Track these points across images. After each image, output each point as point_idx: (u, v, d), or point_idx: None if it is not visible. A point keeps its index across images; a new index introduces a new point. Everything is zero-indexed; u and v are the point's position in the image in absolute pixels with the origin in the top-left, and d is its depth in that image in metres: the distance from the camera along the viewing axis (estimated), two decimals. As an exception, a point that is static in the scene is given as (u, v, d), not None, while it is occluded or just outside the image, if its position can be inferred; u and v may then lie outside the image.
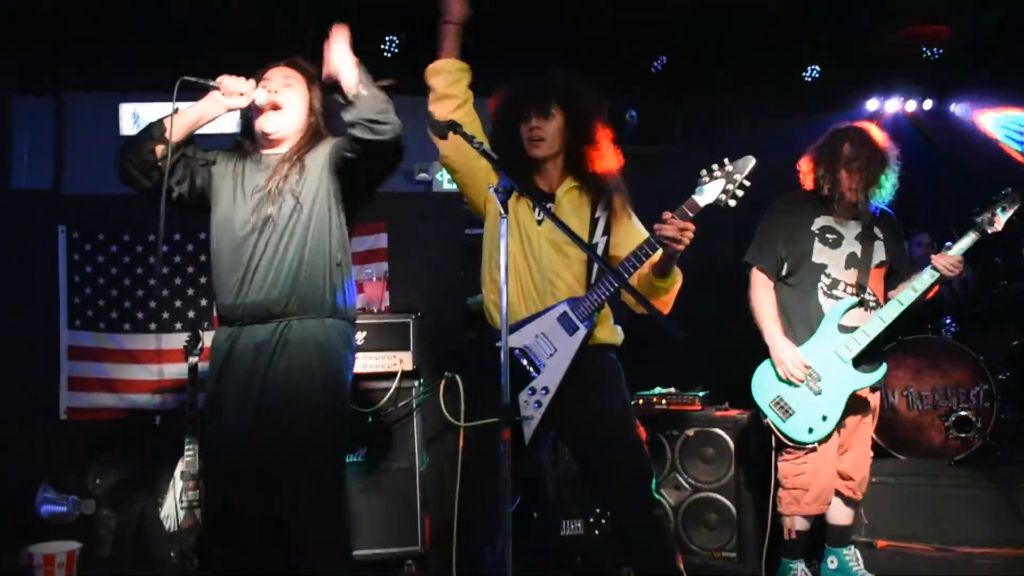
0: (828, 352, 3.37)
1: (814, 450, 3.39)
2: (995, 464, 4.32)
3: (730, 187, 2.82)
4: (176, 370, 4.32)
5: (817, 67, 6.36)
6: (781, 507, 3.50)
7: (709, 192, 2.83)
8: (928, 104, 6.88)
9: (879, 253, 3.46)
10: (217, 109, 2.76)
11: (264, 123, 2.79)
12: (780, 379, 3.43)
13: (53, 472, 4.20)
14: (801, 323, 3.46)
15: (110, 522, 4.08)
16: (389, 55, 5.59)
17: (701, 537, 3.98)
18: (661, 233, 2.77)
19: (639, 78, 6.25)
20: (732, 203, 2.84)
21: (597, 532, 3.96)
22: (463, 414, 2.81)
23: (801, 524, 3.50)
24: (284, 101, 2.79)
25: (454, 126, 2.43)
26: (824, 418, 3.36)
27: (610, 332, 3.01)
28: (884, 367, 3.38)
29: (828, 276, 3.44)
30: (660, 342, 2.76)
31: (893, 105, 6.86)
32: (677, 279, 2.98)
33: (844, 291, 3.42)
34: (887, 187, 3.40)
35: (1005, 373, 4.87)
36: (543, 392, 2.85)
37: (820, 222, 3.50)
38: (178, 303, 4.46)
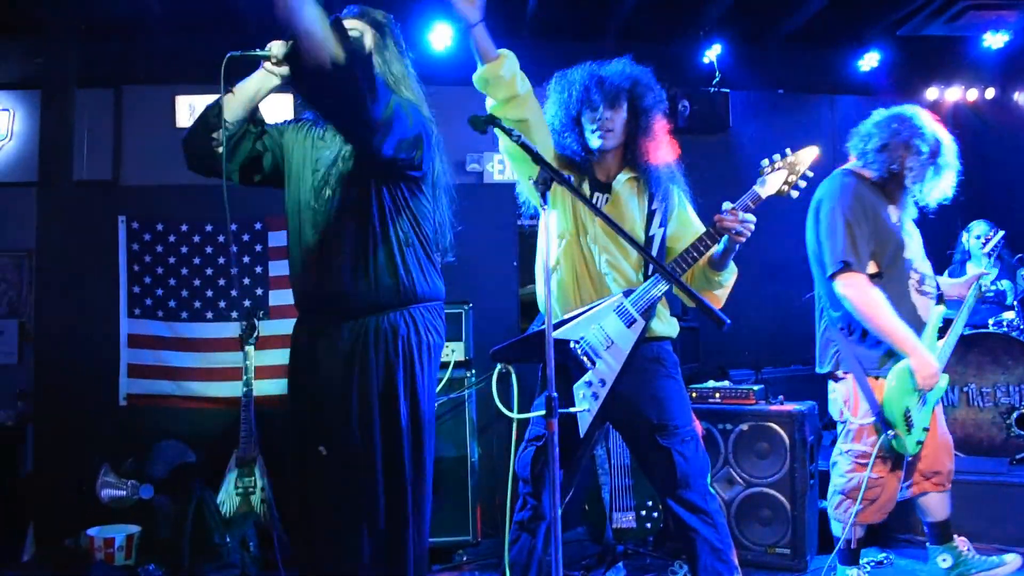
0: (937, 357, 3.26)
1: (890, 462, 3.26)
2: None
3: (792, 177, 2.81)
4: (232, 358, 4.37)
5: (876, 55, 6.22)
6: (857, 518, 3.29)
7: (771, 183, 2.82)
8: (991, 93, 6.71)
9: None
10: (272, 80, 2.49)
11: None
12: (913, 389, 3.16)
13: (113, 457, 4.28)
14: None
15: (168, 507, 4.15)
16: (437, 46, 5.62)
17: (754, 533, 3.93)
18: (722, 224, 2.75)
19: (693, 67, 6.19)
20: (794, 194, 2.83)
21: (649, 525, 3.94)
22: (515, 405, 2.79)
23: (861, 532, 3.41)
24: None
25: (493, 120, 2.38)
26: (925, 429, 3.22)
27: (667, 324, 2.99)
28: (946, 378, 3.25)
29: (916, 272, 3.28)
30: (719, 333, 2.75)
31: (954, 94, 6.70)
32: (733, 273, 2.97)
33: (929, 286, 3.29)
34: (939, 179, 3.25)
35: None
36: (600, 384, 2.83)
37: (893, 213, 3.29)
38: (234, 292, 4.51)
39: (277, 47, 2.41)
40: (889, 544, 4.05)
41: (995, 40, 6.03)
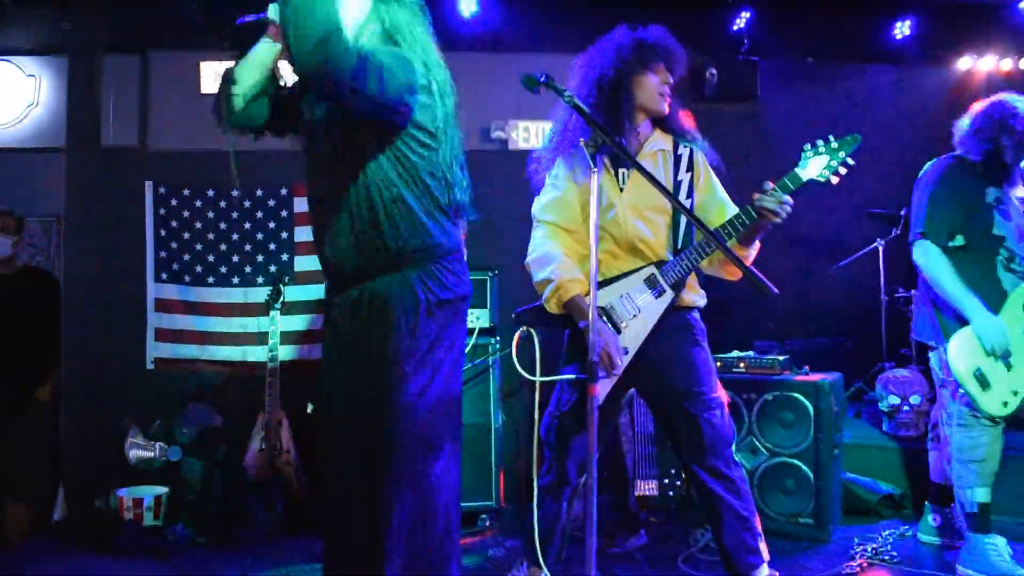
0: (1017, 330, 3.30)
1: (993, 423, 3.33)
2: None
3: (834, 163, 2.82)
4: (258, 323, 4.41)
5: (908, 23, 6.11)
6: (960, 481, 3.37)
7: (812, 167, 2.83)
8: (1025, 63, 6.57)
9: None
10: (278, 47, 2.36)
11: None
12: (983, 351, 3.30)
13: (141, 420, 4.34)
14: (980, 295, 3.35)
15: (195, 469, 4.21)
16: (464, 12, 5.58)
17: (778, 503, 3.93)
18: (761, 204, 2.74)
19: (720, 35, 6.11)
20: (835, 180, 2.83)
21: (672, 493, 3.95)
22: (538, 369, 2.79)
23: (983, 496, 3.35)
24: None
25: (548, 80, 2.35)
26: (1015, 393, 3.31)
27: (696, 294, 2.99)
28: None
29: (1007, 249, 3.39)
30: (744, 303, 2.74)
31: (987, 63, 6.57)
32: (755, 249, 2.96)
33: (1021, 265, 3.37)
34: None
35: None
36: (623, 352, 2.83)
37: (993, 193, 3.42)
38: (260, 258, 4.53)
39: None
40: (913, 517, 4.03)
41: (1031, 8, 5.90)
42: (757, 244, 2.94)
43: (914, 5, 6.08)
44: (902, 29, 6.15)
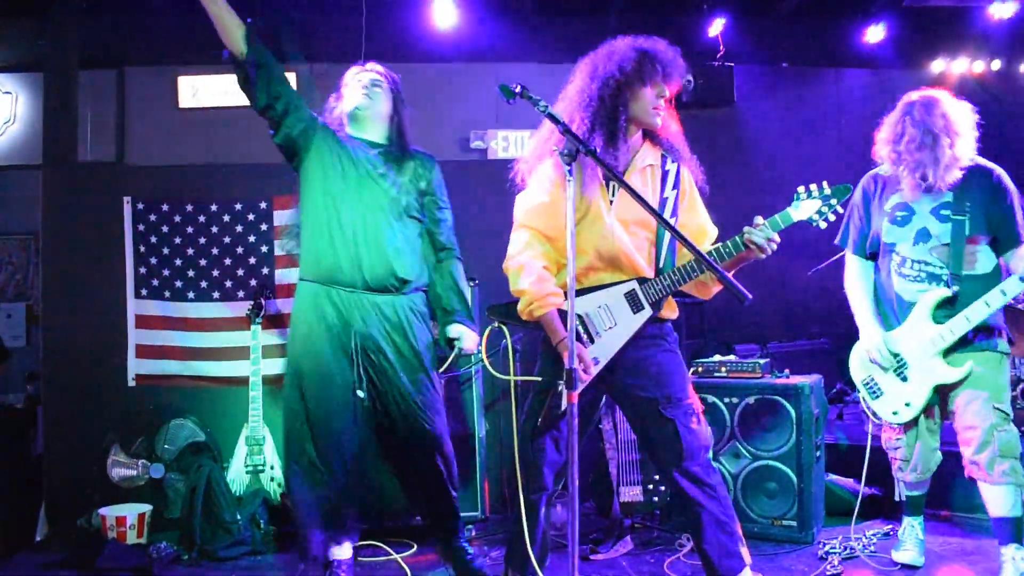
0: (920, 340, 3.30)
1: (904, 425, 3.46)
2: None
3: (824, 209, 2.89)
4: (239, 338, 4.39)
5: (882, 27, 6.18)
6: (899, 475, 3.59)
7: (804, 209, 2.89)
8: (997, 65, 6.66)
9: (963, 228, 3.27)
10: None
11: None
12: (869, 360, 3.45)
13: (123, 437, 4.32)
14: (883, 304, 3.47)
15: (178, 485, 4.19)
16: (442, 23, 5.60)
17: (761, 505, 3.95)
18: (748, 237, 2.76)
19: (696, 41, 6.16)
20: (823, 224, 2.91)
21: (656, 499, 3.96)
22: (511, 368, 2.82)
23: (907, 489, 3.60)
24: None
25: (523, 90, 2.39)
26: (907, 404, 3.38)
27: (671, 308, 2.98)
28: (968, 365, 3.23)
29: (897, 255, 3.38)
30: (725, 308, 2.78)
31: (960, 66, 6.66)
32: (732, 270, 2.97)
33: (912, 268, 3.35)
34: (942, 162, 3.22)
35: None
36: (594, 362, 2.84)
37: (893, 200, 3.42)
38: (240, 272, 4.52)
39: None
40: (895, 516, 4.06)
41: (1002, 10, 5.97)
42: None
43: (887, 10, 6.16)
44: (876, 33, 6.22)
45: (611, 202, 2.88)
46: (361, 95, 3.25)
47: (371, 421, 3.26)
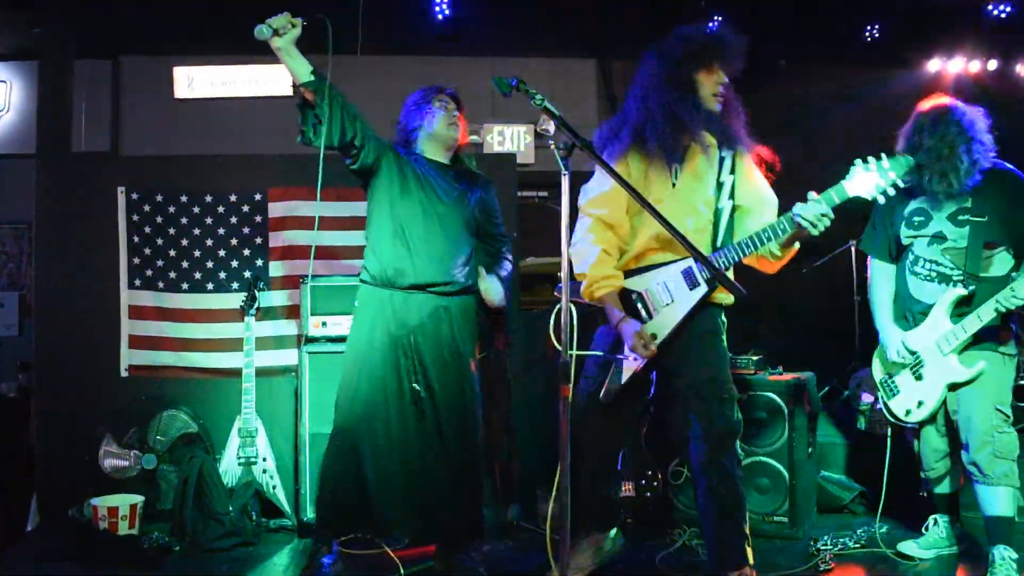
0: (936, 339, 3.32)
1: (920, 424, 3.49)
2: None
3: (882, 182, 2.83)
4: (233, 329, 4.38)
5: (878, 25, 6.18)
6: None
7: (859, 183, 2.84)
8: (993, 64, 6.67)
9: (981, 232, 3.27)
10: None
11: None
12: (890, 360, 3.50)
13: (116, 428, 4.30)
14: (897, 301, 3.52)
15: (170, 476, 4.18)
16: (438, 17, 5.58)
17: (753, 501, 3.95)
18: (801, 213, 2.80)
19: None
20: (881, 199, 2.85)
21: (649, 494, 3.97)
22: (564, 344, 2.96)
23: (931, 487, 3.64)
24: None
25: (519, 83, 2.45)
26: (920, 404, 3.41)
27: (726, 292, 3.06)
28: (981, 365, 3.24)
29: (912, 254, 3.44)
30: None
31: (956, 65, 6.66)
32: (793, 250, 3.04)
33: (923, 267, 3.38)
34: (962, 168, 3.24)
35: None
36: (651, 337, 2.92)
37: (913, 205, 3.45)
38: (234, 263, 4.51)
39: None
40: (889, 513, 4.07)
41: (998, 10, 5.98)
42: (796, 245, 3.01)
43: (884, 8, 6.16)
44: (872, 32, 6.23)
45: (674, 184, 2.98)
46: (448, 127, 3.45)
47: (417, 416, 3.37)
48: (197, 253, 4.51)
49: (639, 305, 3.01)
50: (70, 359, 4.49)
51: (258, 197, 4.53)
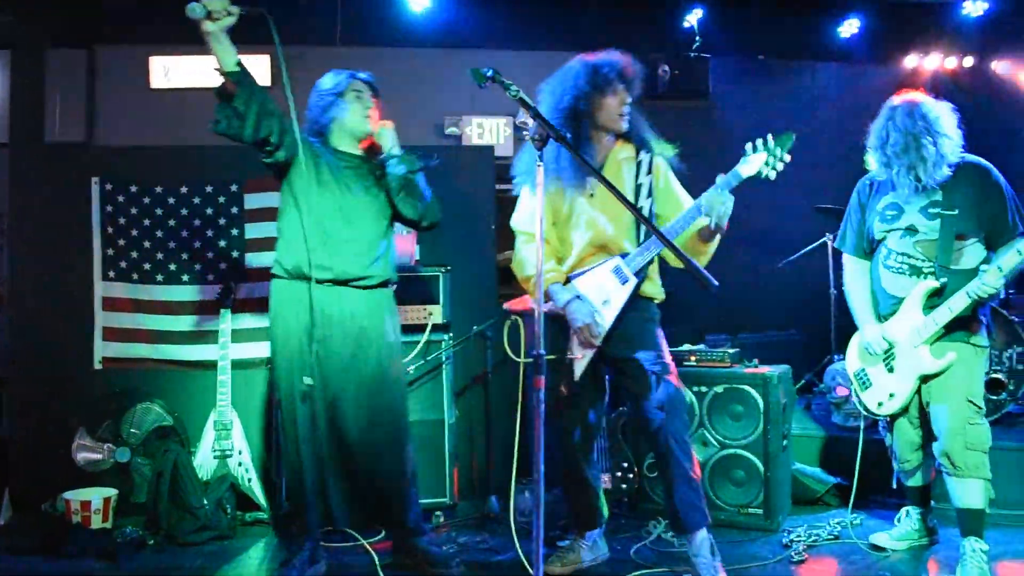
0: (908, 331, 3.35)
1: (890, 419, 3.56)
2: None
3: (771, 160, 3.06)
4: (209, 321, 4.35)
5: (856, 21, 6.22)
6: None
7: (751, 164, 3.08)
8: (969, 61, 6.73)
9: (952, 224, 3.28)
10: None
11: None
12: (867, 352, 3.54)
13: (89, 421, 4.26)
14: (873, 297, 3.56)
15: (144, 470, 4.15)
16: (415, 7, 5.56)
17: (728, 493, 3.99)
18: (703, 200, 3.07)
19: (672, 31, 6.17)
20: (772, 175, 3.08)
21: (624, 486, 3.98)
22: (522, 351, 3.16)
23: (904, 479, 3.67)
24: None
25: (495, 74, 2.53)
26: (891, 396, 3.46)
27: (655, 287, 3.36)
28: (951, 356, 3.26)
29: (885, 247, 3.46)
30: (696, 298, 2.86)
31: (932, 62, 6.71)
32: (715, 243, 3.26)
33: (895, 260, 3.40)
34: (929, 161, 3.27)
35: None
36: (599, 326, 3.17)
37: (886, 200, 3.48)
38: (210, 255, 4.47)
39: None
40: (862, 505, 4.11)
41: (974, 8, 6.04)
42: (717, 238, 3.21)
43: (861, 4, 6.19)
44: (850, 27, 6.27)
45: (592, 195, 3.24)
46: (362, 121, 3.42)
47: (329, 412, 3.35)
48: (172, 244, 4.47)
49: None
50: (43, 351, 4.45)
51: (234, 188, 4.50)
